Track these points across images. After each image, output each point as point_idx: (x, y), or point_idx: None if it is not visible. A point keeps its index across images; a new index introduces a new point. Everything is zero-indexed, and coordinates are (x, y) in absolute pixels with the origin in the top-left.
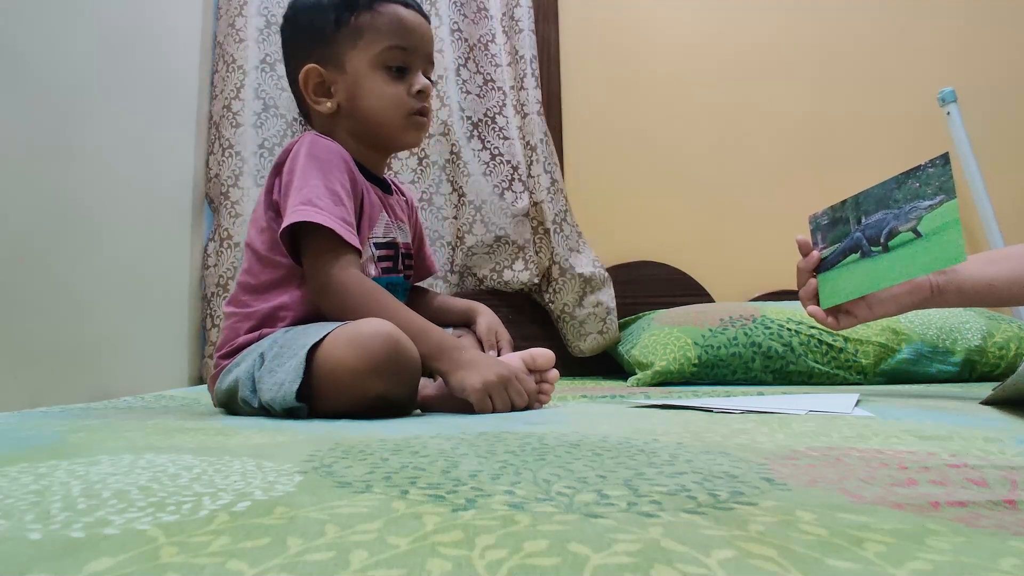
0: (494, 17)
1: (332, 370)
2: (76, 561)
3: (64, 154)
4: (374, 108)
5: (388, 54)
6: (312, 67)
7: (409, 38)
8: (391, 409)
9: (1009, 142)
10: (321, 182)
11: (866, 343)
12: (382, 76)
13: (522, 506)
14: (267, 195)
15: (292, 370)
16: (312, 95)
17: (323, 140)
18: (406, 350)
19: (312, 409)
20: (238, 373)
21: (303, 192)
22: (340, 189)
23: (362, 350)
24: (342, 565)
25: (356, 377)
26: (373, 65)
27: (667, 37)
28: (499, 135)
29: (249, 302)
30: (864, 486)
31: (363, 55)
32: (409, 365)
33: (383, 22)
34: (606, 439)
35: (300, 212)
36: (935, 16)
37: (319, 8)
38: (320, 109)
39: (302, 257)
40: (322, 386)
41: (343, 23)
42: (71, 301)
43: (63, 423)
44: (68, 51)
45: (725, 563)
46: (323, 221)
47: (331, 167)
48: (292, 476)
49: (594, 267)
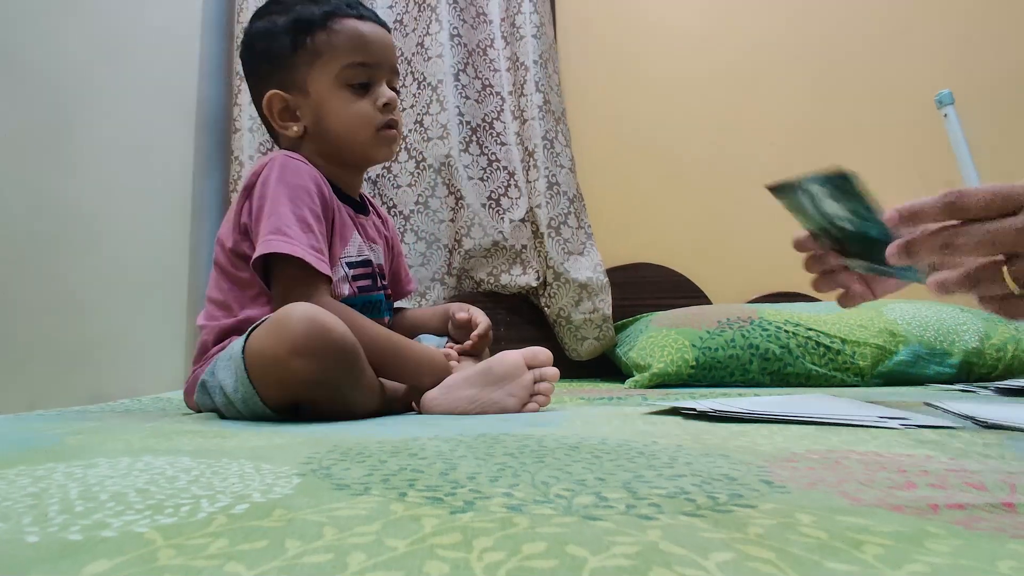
0: (493, 23)
1: (258, 359)
2: (74, 564)
3: (63, 156)
4: (341, 128)
5: (349, 72)
6: (274, 93)
7: (368, 52)
8: (345, 400)
9: (1008, 144)
10: (290, 209)
11: (863, 345)
12: (346, 94)
13: (520, 508)
14: (236, 216)
15: (231, 371)
16: (278, 120)
17: (293, 162)
18: (331, 330)
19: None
20: (206, 378)
21: (272, 220)
22: (309, 215)
23: (282, 332)
24: (340, 567)
25: (279, 362)
26: (335, 84)
27: (664, 39)
28: (496, 140)
29: (218, 316)
30: (863, 489)
31: (323, 75)
32: (337, 346)
33: (340, 40)
34: (605, 441)
35: (270, 243)
36: (933, 18)
37: (274, 33)
38: (288, 134)
39: (272, 285)
40: (255, 377)
41: (300, 45)
42: (69, 303)
43: (61, 425)
44: (67, 52)
45: (723, 565)
46: (293, 252)
47: (300, 192)
48: (290, 478)
49: (594, 272)
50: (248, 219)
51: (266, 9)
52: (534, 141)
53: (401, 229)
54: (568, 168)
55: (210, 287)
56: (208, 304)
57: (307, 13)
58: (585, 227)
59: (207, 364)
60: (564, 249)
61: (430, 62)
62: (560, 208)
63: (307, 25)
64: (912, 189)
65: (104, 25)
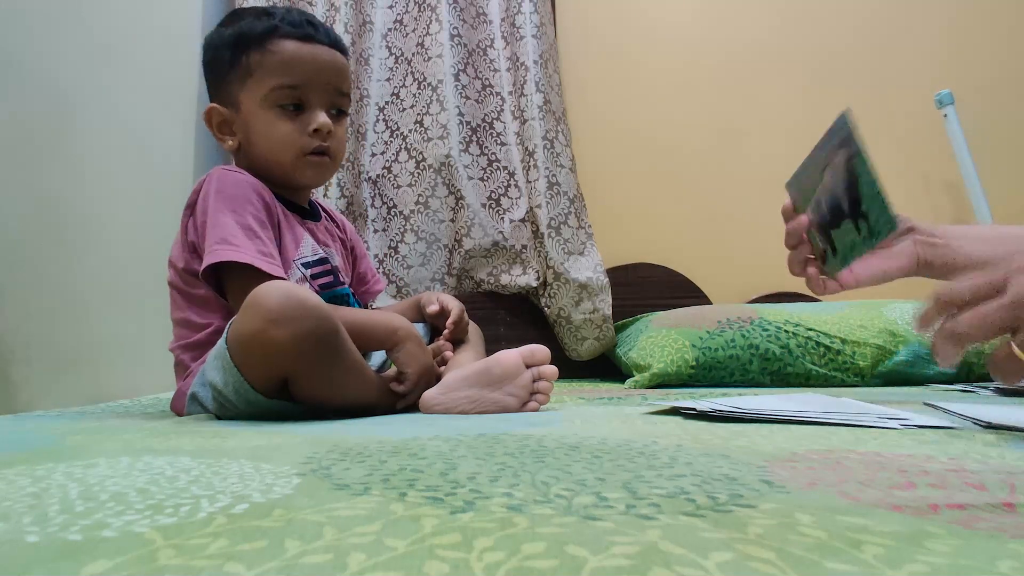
0: (493, 23)
1: (238, 339)
2: (74, 563)
3: (63, 156)
4: (265, 149)
5: (277, 93)
6: (213, 107)
7: (300, 75)
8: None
9: (1006, 144)
10: (232, 219)
11: (863, 345)
12: (274, 115)
13: (520, 508)
14: (183, 235)
15: (219, 367)
16: (217, 133)
17: (231, 174)
18: (306, 299)
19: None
20: (195, 390)
21: (216, 231)
22: (253, 222)
23: (258, 308)
24: (340, 567)
25: (257, 335)
26: (263, 105)
27: (664, 39)
28: (496, 140)
29: (185, 336)
30: (863, 489)
31: (253, 95)
32: (314, 313)
33: (272, 61)
34: (605, 441)
35: (216, 253)
36: (933, 18)
37: (218, 46)
38: (224, 147)
39: (228, 297)
40: (239, 361)
41: (235, 63)
42: (69, 304)
43: (60, 426)
44: (67, 52)
45: (723, 565)
46: (240, 258)
47: (241, 201)
48: (290, 478)
49: (594, 272)
50: (195, 236)
51: (225, 20)
52: (534, 141)
53: (401, 229)
54: (568, 168)
55: (171, 310)
56: (174, 327)
57: (247, 29)
58: (585, 227)
59: (192, 378)
60: (564, 249)
61: (430, 62)
62: (560, 208)
63: (245, 42)
64: (912, 189)
65: (104, 25)
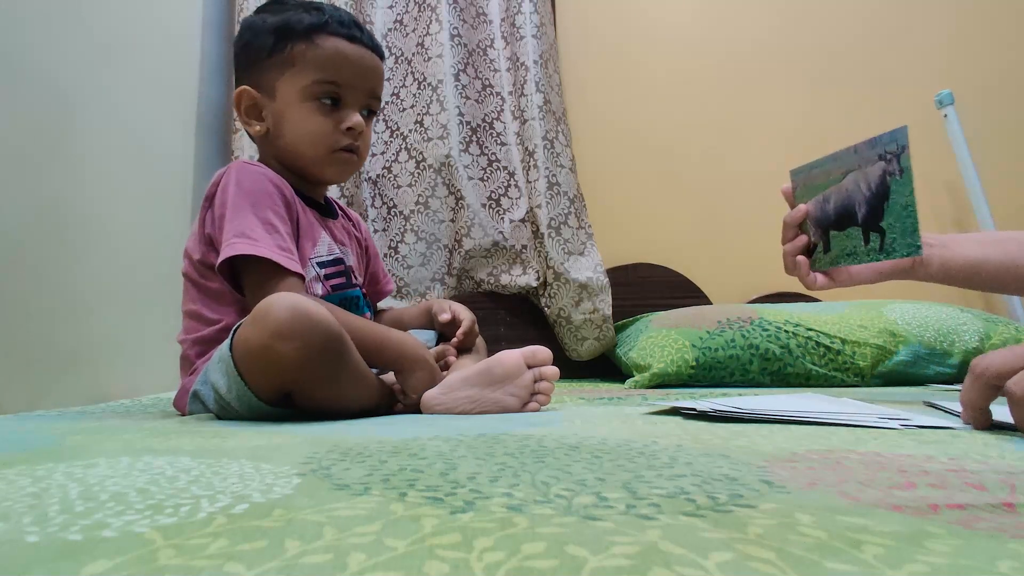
0: (493, 23)
1: (244, 349)
2: (74, 563)
3: (63, 156)
4: (296, 139)
5: (317, 87)
6: (245, 89)
7: (343, 73)
8: (334, 389)
9: (1007, 144)
10: (252, 213)
11: (863, 345)
12: (311, 108)
13: (520, 508)
14: (200, 227)
15: (223, 372)
16: (244, 116)
17: (251, 167)
18: (314, 314)
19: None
20: (198, 388)
21: (234, 224)
22: (273, 216)
23: (266, 320)
24: (340, 567)
25: (264, 348)
26: (301, 96)
27: (664, 39)
28: (496, 140)
29: (194, 329)
30: (863, 489)
31: (293, 85)
32: (321, 327)
33: (317, 55)
34: (605, 441)
35: (234, 246)
36: (933, 18)
37: (260, 30)
38: (249, 131)
39: (244, 291)
40: (243, 369)
41: (277, 51)
42: (69, 304)
43: (60, 425)
44: (67, 52)
45: (723, 565)
46: (258, 252)
47: (260, 195)
48: (290, 478)
49: (594, 272)
50: (212, 229)
51: (266, 6)
52: (534, 141)
53: (401, 229)
54: (568, 168)
55: (183, 301)
56: (184, 318)
57: (295, 21)
58: (585, 227)
59: (196, 376)
60: (564, 249)
61: (430, 62)
62: (560, 208)
63: (291, 33)
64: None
65: (104, 25)
